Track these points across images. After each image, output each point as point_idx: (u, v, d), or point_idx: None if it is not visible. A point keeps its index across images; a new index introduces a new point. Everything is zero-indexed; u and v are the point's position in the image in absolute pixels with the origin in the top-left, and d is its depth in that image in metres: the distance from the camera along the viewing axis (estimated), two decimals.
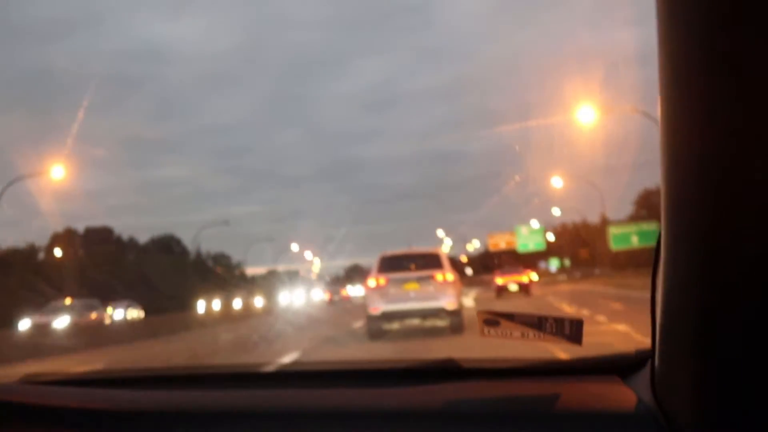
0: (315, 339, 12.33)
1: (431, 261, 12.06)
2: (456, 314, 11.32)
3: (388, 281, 11.57)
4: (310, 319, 21.14)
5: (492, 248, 47.82)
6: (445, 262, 12.11)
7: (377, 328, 11.45)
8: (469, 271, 54.21)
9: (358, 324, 13.80)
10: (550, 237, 45.63)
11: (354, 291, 41.49)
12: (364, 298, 12.75)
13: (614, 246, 33.73)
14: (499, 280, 27.35)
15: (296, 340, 12.93)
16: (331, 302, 39.58)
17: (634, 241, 33.60)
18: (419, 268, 11.82)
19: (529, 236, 44.39)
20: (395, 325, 11.75)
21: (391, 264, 11.99)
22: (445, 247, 45.72)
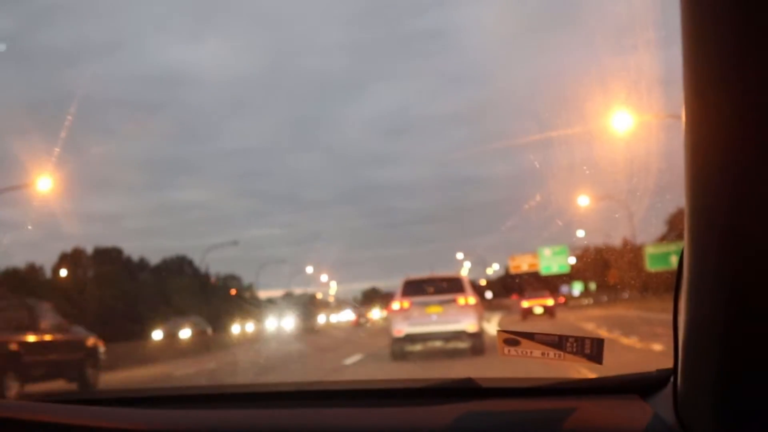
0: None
1: (453, 285, 12.39)
2: (477, 336, 11.59)
3: (412, 304, 11.92)
4: (337, 341, 21.49)
5: (513, 270, 44.47)
6: (467, 286, 12.43)
7: (400, 349, 11.74)
8: (489, 294, 52.34)
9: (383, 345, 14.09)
10: (572, 260, 43.64)
11: (375, 314, 41.34)
12: (388, 320, 13.04)
13: (651, 267, 31.47)
14: (525, 304, 28.80)
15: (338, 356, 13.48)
16: (357, 324, 39.86)
17: (673, 262, 31.60)
18: (441, 291, 12.16)
19: (552, 258, 41.82)
20: (418, 347, 12.03)
21: (415, 288, 12.35)
22: (464, 270, 43.77)
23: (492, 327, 16.47)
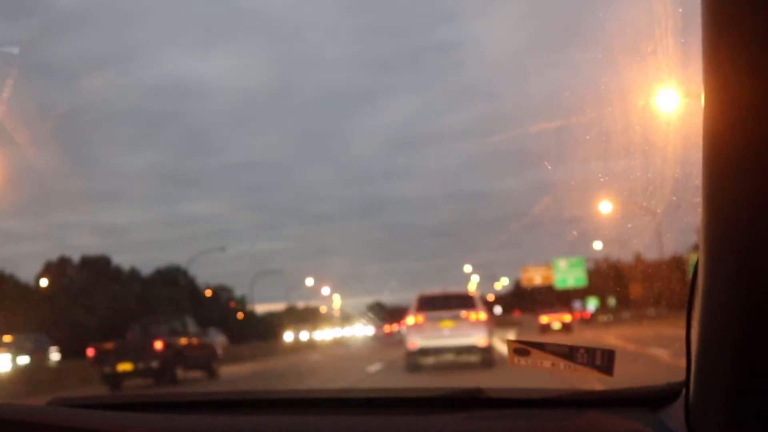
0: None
1: (465, 301, 13.13)
2: (487, 351, 12.20)
3: (426, 319, 12.52)
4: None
5: (525, 283, 42.55)
6: (478, 303, 13.20)
7: (414, 362, 12.36)
8: (498, 309, 50.96)
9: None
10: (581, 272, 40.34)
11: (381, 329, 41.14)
12: (403, 334, 13.83)
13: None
14: (544, 319, 30.40)
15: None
16: (375, 338, 40.58)
17: None
18: (453, 307, 12.73)
19: (568, 271, 38.58)
20: (431, 360, 12.60)
21: (428, 303, 12.96)
22: (473, 284, 42.88)
23: (503, 346, 15.91)
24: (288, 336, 37.95)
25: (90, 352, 13.99)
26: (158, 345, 13.77)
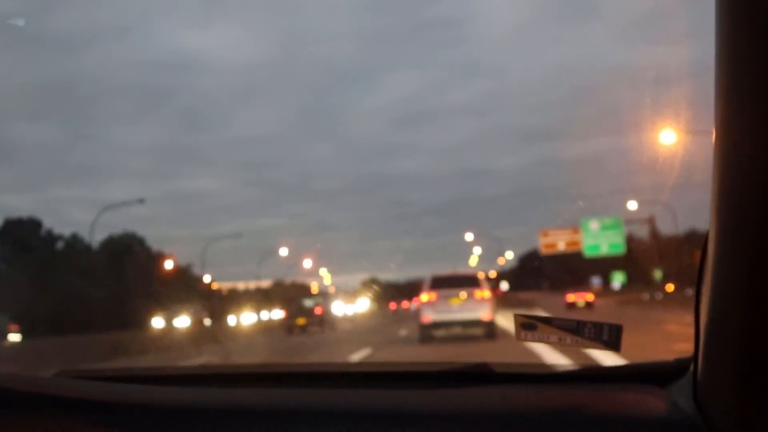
0: None
1: (471, 281, 15.30)
2: (490, 324, 14.16)
3: (438, 296, 14.60)
4: None
5: (545, 250, 33.51)
6: (483, 282, 15.32)
7: (427, 334, 14.40)
8: (505, 286, 46.45)
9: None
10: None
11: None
12: (417, 309, 15.75)
13: None
14: (571, 297, 34.05)
15: None
16: (395, 312, 43.39)
17: None
18: (462, 286, 14.84)
19: (601, 234, 30.28)
20: (441, 332, 14.58)
21: (440, 283, 15.12)
22: (474, 258, 40.42)
23: (503, 319, 16.41)
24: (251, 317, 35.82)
25: (283, 312, 25.57)
26: (318, 310, 25.11)
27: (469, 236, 39.26)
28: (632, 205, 31.57)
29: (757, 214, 0.66)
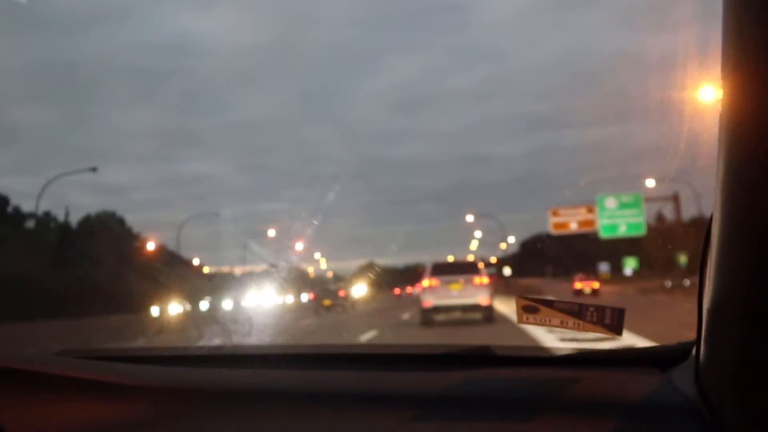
0: None
1: (470, 268, 16.20)
2: (488, 309, 14.92)
3: (439, 283, 15.24)
4: None
5: (555, 230, 29.90)
6: (481, 269, 16.09)
7: (428, 318, 15.07)
8: (507, 271, 45.43)
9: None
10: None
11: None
12: (419, 294, 16.40)
13: None
14: (578, 285, 33.13)
15: None
16: (399, 296, 46.80)
17: None
18: (461, 272, 15.57)
19: (618, 213, 26.65)
20: (442, 316, 15.33)
21: (441, 269, 15.86)
22: (474, 242, 40.68)
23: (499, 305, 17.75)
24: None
25: (312, 295, 28.63)
26: (342, 293, 27.79)
27: (469, 220, 38.61)
28: (650, 183, 27.91)
29: (761, 199, 0.66)
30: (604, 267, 48.46)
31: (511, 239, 49.94)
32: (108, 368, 1.28)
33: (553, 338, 10.90)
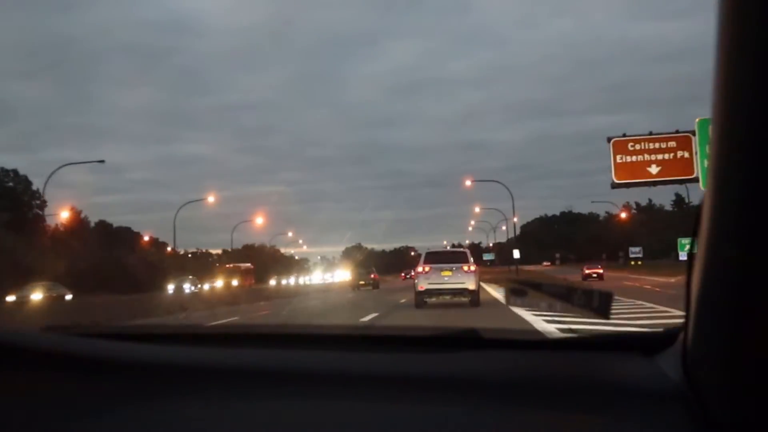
0: None
1: (460, 256, 18.59)
2: (474, 293, 17.37)
3: (431, 269, 17.61)
4: None
5: (620, 178, 20.81)
6: (469, 257, 18.31)
7: (421, 300, 17.60)
8: (517, 254, 47.74)
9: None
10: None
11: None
12: (415, 279, 18.70)
13: None
14: (587, 270, 46.99)
15: None
16: (404, 278, 54.15)
17: None
18: (451, 261, 17.91)
19: None
20: (434, 299, 17.69)
21: (433, 257, 18.29)
22: (470, 229, 45.10)
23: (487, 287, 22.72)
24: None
25: (351, 276, 42.83)
26: (374, 275, 42.19)
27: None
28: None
29: (755, 176, 0.66)
30: (634, 250, 50.43)
31: (513, 224, 50.07)
32: (92, 345, 1.28)
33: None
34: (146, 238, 60.80)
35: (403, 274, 61.46)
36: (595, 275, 45.55)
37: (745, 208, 0.67)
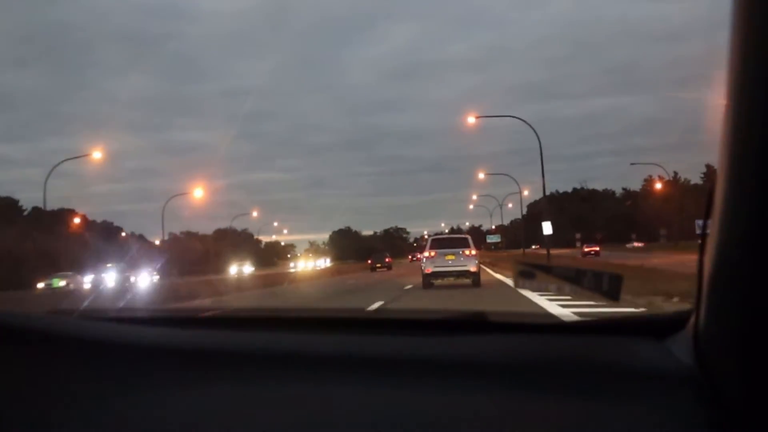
0: None
1: (462, 241, 20.40)
2: (476, 275, 19.24)
3: (436, 253, 19.42)
4: None
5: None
6: (470, 242, 20.08)
7: (428, 282, 19.28)
8: (548, 227, 45.82)
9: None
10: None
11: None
12: (421, 263, 20.63)
13: None
14: (586, 249, 55.87)
15: None
16: (411, 261, 61.43)
17: None
18: (454, 245, 19.78)
19: None
20: (439, 281, 19.43)
21: (438, 243, 20.31)
22: (471, 214, 45.36)
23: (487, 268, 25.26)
24: None
25: (370, 261, 52.92)
26: (388, 259, 52.37)
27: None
28: None
29: (763, 165, 0.65)
30: (663, 232, 51.92)
31: (513, 208, 50.89)
32: (100, 328, 1.29)
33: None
34: (124, 234, 60.69)
35: (410, 257, 69.11)
36: (592, 252, 54.08)
37: (758, 188, 0.66)
